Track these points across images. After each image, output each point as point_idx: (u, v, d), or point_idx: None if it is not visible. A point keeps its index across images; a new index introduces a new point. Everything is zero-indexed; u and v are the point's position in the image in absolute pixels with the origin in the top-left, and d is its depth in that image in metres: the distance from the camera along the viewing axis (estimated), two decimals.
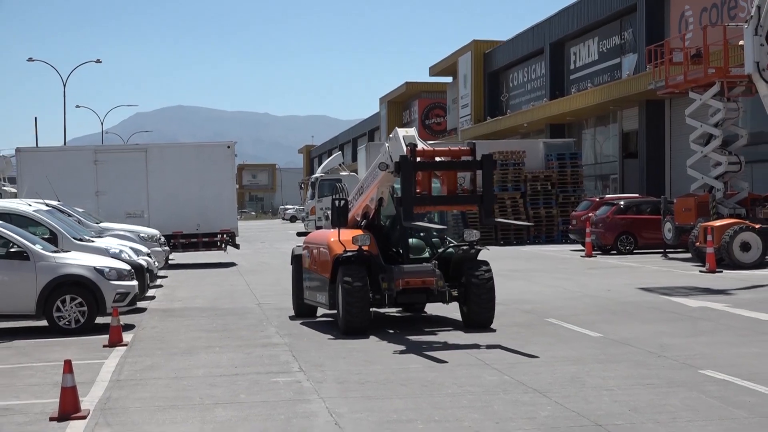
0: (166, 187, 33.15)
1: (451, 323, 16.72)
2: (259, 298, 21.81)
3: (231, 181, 35.22)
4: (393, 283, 15.47)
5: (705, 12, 41.44)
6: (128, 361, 13.49)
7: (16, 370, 13.17)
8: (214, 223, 33.54)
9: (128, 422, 9.76)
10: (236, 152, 35.36)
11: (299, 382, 11.76)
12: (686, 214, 29.73)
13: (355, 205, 17.38)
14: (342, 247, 15.79)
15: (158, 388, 11.58)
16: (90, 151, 34.97)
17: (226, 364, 13.17)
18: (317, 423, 9.58)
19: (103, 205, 31.77)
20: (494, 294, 15.93)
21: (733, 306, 18.32)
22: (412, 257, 16.34)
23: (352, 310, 15.20)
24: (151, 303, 20.98)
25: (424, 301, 16.69)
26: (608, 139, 53.02)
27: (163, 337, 15.86)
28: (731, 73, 29.10)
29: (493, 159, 15.41)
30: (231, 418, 9.82)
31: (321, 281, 16.76)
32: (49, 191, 27.53)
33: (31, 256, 16.45)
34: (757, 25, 25.19)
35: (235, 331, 16.42)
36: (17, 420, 10.00)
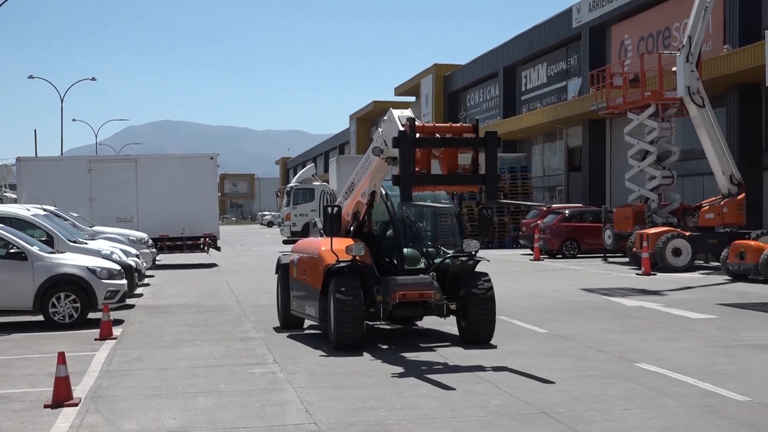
0: (154, 194, 32.98)
1: (448, 338, 14.38)
2: (237, 296, 21.72)
3: (213, 190, 35.12)
4: (389, 296, 13.07)
5: (642, 41, 41.82)
6: (117, 354, 13.40)
7: (14, 361, 13.07)
8: (198, 228, 33.46)
9: (116, 409, 9.71)
10: (218, 163, 35.36)
11: (273, 373, 11.75)
12: (624, 223, 30.00)
13: (345, 204, 15.04)
14: (334, 256, 13.44)
15: (144, 378, 11.52)
16: (85, 161, 34.85)
17: (207, 356, 13.12)
18: (289, 410, 9.58)
19: (96, 210, 31.65)
20: (495, 307, 13.67)
21: (666, 305, 18.46)
22: (406, 268, 13.77)
23: (345, 326, 12.89)
24: (139, 300, 20.85)
25: (421, 314, 14.08)
26: (555, 154, 53.30)
27: (150, 332, 15.77)
28: (665, 96, 29.37)
29: (497, 137, 12.79)
30: (211, 406, 9.79)
31: (310, 292, 14.36)
32: (47, 197, 27.54)
33: (29, 257, 16.37)
34: (688, 53, 25.51)
35: (216, 326, 16.34)
36: (14, 407, 9.92)
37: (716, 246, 26.73)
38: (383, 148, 13.30)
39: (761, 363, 11.87)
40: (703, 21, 26.23)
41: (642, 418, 8.94)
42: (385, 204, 14.10)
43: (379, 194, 14.15)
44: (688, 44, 25.57)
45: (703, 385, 10.43)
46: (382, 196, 14.08)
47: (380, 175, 13.94)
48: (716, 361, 12.11)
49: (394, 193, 13.55)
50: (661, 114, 29.72)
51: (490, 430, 8.59)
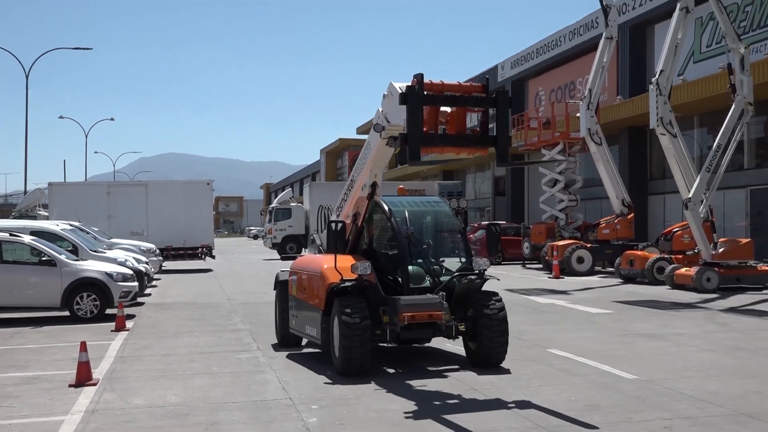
0: (160, 212, 32.84)
1: (455, 360, 11.23)
2: (228, 296, 21.54)
3: (209, 209, 35.13)
4: (396, 317, 9.97)
5: (553, 92, 42.25)
6: (129, 343, 13.24)
7: (44, 348, 12.88)
8: (196, 239, 33.27)
9: (128, 388, 9.60)
10: (213, 188, 35.44)
11: (257, 358, 11.65)
12: (539, 236, 30.27)
13: (345, 206, 12.16)
14: (338, 275, 10.32)
15: (151, 362, 11.40)
16: (104, 186, 34.84)
17: (203, 344, 12.97)
18: (269, 388, 9.53)
19: (113, 225, 31.46)
20: (508, 329, 10.52)
21: (571, 302, 18.58)
22: (411, 286, 10.59)
23: (352, 351, 9.83)
24: (147, 299, 20.63)
25: (430, 336, 10.76)
26: (484, 181, 53.52)
27: (156, 325, 15.58)
28: (571, 136, 29.72)
29: (508, 97, 10.25)
30: (205, 385, 9.70)
31: (311, 312, 11.22)
32: (73, 215, 27.45)
33: (58, 264, 16.24)
34: (589, 102, 25.80)
35: (210, 320, 16.17)
36: (44, 386, 9.80)
37: (611, 255, 27.02)
38: (384, 125, 10.50)
39: (647, 349, 11.98)
40: (601, 77, 26.59)
41: (552, 393, 8.99)
42: (389, 220, 10.90)
43: (380, 186, 11.28)
44: (589, 95, 25.89)
45: (602, 366, 10.50)
46: (385, 212, 11.02)
47: (381, 163, 11.22)
48: (612, 347, 12.17)
49: (397, 209, 11.02)
50: (568, 150, 30.08)
51: None
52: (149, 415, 8.26)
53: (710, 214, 21.51)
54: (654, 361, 10.88)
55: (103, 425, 7.90)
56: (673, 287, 21.35)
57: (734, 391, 8.98)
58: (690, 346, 12.18)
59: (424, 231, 11.58)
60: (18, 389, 9.67)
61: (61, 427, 7.84)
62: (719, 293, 19.68)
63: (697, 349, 11.96)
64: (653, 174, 33.96)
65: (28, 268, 16.31)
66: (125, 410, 8.49)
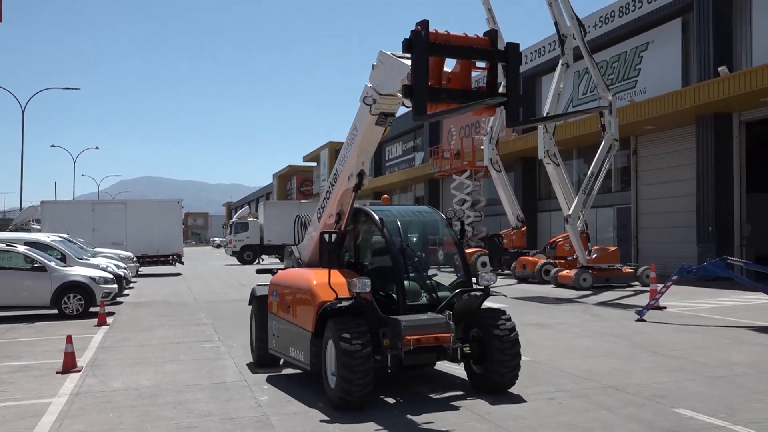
0: (138, 226, 32.21)
1: (454, 383, 8.49)
2: (194, 295, 21.12)
3: (179, 223, 34.52)
4: (400, 341, 7.27)
5: (462, 129, 42.82)
6: (109, 336, 12.87)
7: (35, 341, 12.42)
8: (168, 248, 32.73)
9: (107, 374, 9.33)
10: (183, 205, 34.91)
11: (218, 347, 11.44)
12: None
13: (327, 205, 9.02)
14: (331, 293, 7.61)
15: (128, 352, 11.10)
16: (89, 204, 34.00)
17: (172, 336, 12.69)
18: (228, 372, 9.36)
19: (97, 237, 30.66)
20: (520, 351, 7.87)
21: None
22: (408, 303, 7.85)
23: (354, 383, 7.08)
24: (125, 298, 20.08)
25: (435, 361, 7.98)
26: (407, 201, 53.84)
27: (133, 320, 15.18)
28: (476, 164, 30.11)
29: (519, 51, 7.54)
30: (174, 370, 9.50)
31: (297, 334, 8.26)
32: (62, 228, 26.67)
33: (48, 269, 15.73)
34: (490, 137, 26.18)
35: (179, 316, 15.83)
36: (34, 373, 9.46)
37: (509, 260, 27.37)
38: (375, 97, 7.78)
39: (536, 335, 12.14)
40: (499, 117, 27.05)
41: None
42: (381, 231, 8.17)
43: (367, 175, 8.67)
44: (491, 132, 26.29)
45: None
46: (375, 222, 8.30)
47: (369, 147, 8.47)
48: None
49: (388, 218, 8.34)
50: (474, 176, 30.48)
51: None
52: (125, 397, 8.05)
53: (586, 227, 22.04)
54: (541, 346, 11.05)
55: (85, 406, 7.67)
56: (557, 286, 21.73)
57: (604, 369, 9.20)
58: (570, 333, 12.42)
59: (417, 242, 8.92)
60: (12, 376, 9.33)
61: (48, 408, 7.59)
62: (593, 290, 20.14)
63: (575, 335, 12.20)
64: (541, 195, 34.68)
65: (22, 273, 15.75)
66: (105, 393, 8.26)
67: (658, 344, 10.95)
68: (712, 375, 8.75)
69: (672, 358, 9.77)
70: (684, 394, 7.75)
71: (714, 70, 23.11)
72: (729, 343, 11.15)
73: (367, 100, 7.87)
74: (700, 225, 23.91)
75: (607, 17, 29.35)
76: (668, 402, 7.45)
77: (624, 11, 28.40)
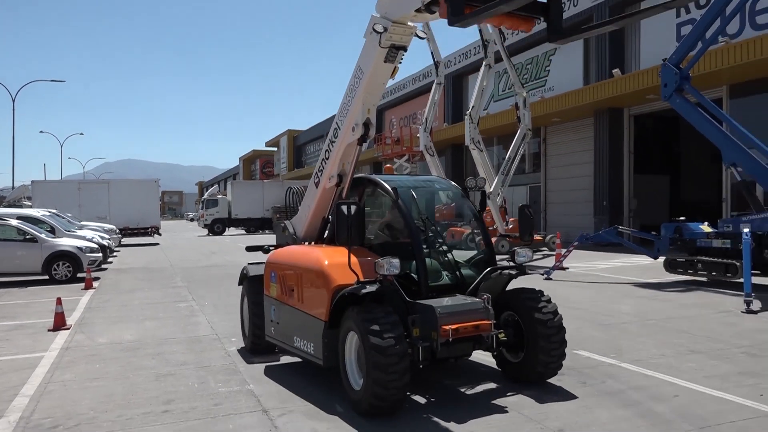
0: (120, 202, 31.31)
1: (482, 372, 6.44)
2: (171, 262, 20.67)
3: (156, 200, 33.57)
4: (435, 331, 5.09)
5: (402, 119, 42.81)
6: (95, 298, 12.50)
7: (29, 303, 11.98)
8: (147, 222, 31.90)
9: (94, 331, 9.06)
10: (160, 184, 34.02)
11: (192, 306, 11.22)
12: None
13: (327, 166, 6.95)
14: (349, 275, 5.40)
15: (112, 311, 10.79)
16: (76, 183, 32.71)
17: (151, 297, 12.41)
18: (201, 327, 9.20)
19: (83, 212, 29.63)
20: (565, 337, 5.83)
21: None
22: (430, 285, 5.68)
23: (388, 386, 4.88)
24: (109, 266, 19.54)
25: (470, 352, 5.56)
26: None
27: (116, 284, 14.78)
28: (413, 150, 30.16)
29: None
30: (154, 327, 9.29)
31: (304, 322, 5.97)
32: (51, 204, 25.70)
33: (39, 240, 15.19)
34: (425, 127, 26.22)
35: (158, 280, 15.48)
36: (28, 331, 9.12)
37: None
38: (387, 25, 5.80)
39: None
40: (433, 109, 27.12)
41: None
42: (395, 203, 5.98)
43: (373, 125, 6.43)
44: (425, 122, 26.32)
45: None
46: (387, 192, 6.07)
47: (376, 90, 6.33)
48: None
49: (401, 188, 6.12)
50: (411, 159, 30.53)
51: None
52: (110, 350, 7.84)
53: (504, 202, 22.42)
54: None
55: (74, 358, 7.44)
56: None
57: None
58: None
59: (430, 215, 6.81)
60: (8, 334, 8.97)
61: (41, 360, 7.33)
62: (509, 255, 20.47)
63: None
64: (468, 176, 35.04)
65: (15, 244, 15.14)
66: (92, 347, 8.03)
67: (562, 298, 11.19)
68: (604, 323, 9.02)
69: (573, 309, 10.03)
70: (582, 339, 7.97)
71: (609, 72, 23.66)
72: (618, 296, 11.54)
73: (377, 27, 5.85)
74: (596, 200, 24.65)
75: None
76: (570, 345, 7.66)
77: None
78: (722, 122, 13.16)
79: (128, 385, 6.23)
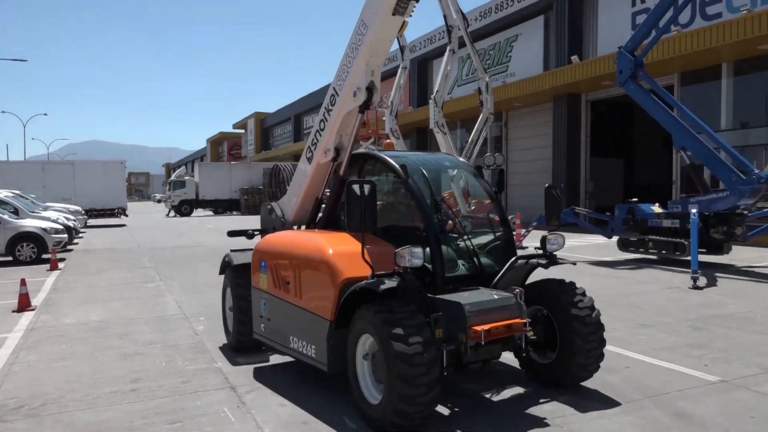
0: (85, 184, 30.54)
1: (502, 372, 5.54)
2: (138, 242, 20.27)
3: (123, 181, 32.96)
4: (464, 332, 4.13)
5: None
6: (61, 278, 12.18)
7: None
8: (114, 203, 31.31)
9: (60, 311, 8.84)
10: (126, 166, 33.37)
11: (159, 286, 11.03)
12: None
13: (322, 137, 5.87)
14: (360, 266, 4.30)
15: (79, 292, 10.53)
16: (40, 164, 31.81)
17: (118, 278, 12.14)
18: (169, 307, 9.05)
19: (47, 193, 28.76)
20: (603, 335, 4.89)
21: None
22: (446, 276, 4.66)
23: (416, 400, 3.89)
24: (75, 247, 19.04)
25: (499, 354, 4.67)
26: None
27: (82, 265, 14.43)
28: (380, 133, 30.06)
29: None
30: (121, 307, 9.10)
31: (304, 321, 4.90)
32: (14, 185, 24.88)
33: (2, 221, 14.73)
34: (391, 110, 26.10)
35: (124, 261, 15.16)
36: None
37: None
38: None
39: None
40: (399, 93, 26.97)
41: None
42: (404, 183, 4.98)
43: (378, 89, 5.50)
44: (391, 105, 26.18)
45: None
46: (395, 170, 5.09)
47: (382, 48, 5.38)
48: None
49: (411, 165, 5.19)
50: (377, 142, 30.42)
51: None
52: (77, 330, 7.67)
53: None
54: None
55: (39, 339, 7.25)
56: None
57: None
58: None
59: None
60: None
61: (5, 342, 7.12)
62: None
63: None
64: None
65: None
66: (57, 327, 7.84)
67: None
68: None
69: None
70: None
71: (568, 58, 23.91)
72: (574, 274, 11.71)
73: None
74: (554, 182, 25.04)
75: (486, 12, 29.66)
76: None
77: (498, 8, 28.78)
78: (673, 108, 13.45)
79: (95, 365, 6.11)
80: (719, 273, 11.41)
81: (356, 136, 5.60)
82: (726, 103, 18.93)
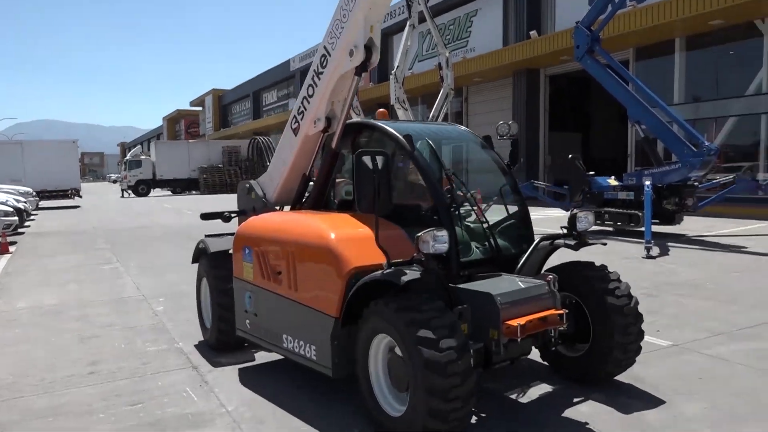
0: (36, 164, 29.58)
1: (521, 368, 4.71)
2: (93, 224, 19.72)
3: (76, 161, 31.92)
4: (496, 327, 3.38)
5: None
6: (12, 262, 11.77)
7: None
8: (67, 184, 30.43)
9: (12, 296, 8.55)
10: (79, 145, 32.37)
11: (117, 268, 10.77)
12: None
13: (312, 104, 4.95)
14: (368, 253, 3.59)
15: (32, 276, 10.21)
16: None
17: (74, 261, 11.80)
18: (127, 288, 8.87)
19: None
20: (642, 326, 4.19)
21: None
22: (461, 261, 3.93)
23: (450, 416, 3.12)
24: (27, 230, 18.42)
25: (529, 351, 3.83)
26: None
27: (35, 248, 13.97)
28: None
29: None
30: (77, 290, 8.86)
31: (301, 318, 4.05)
32: None
33: None
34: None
35: (79, 243, 14.74)
36: None
37: None
38: None
39: None
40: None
41: None
42: (410, 155, 4.17)
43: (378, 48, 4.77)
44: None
45: None
46: (399, 142, 4.26)
47: (383, 1, 4.75)
48: None
49: (416, 136, 4.37)
50: None
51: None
52: (31, 314, 7.44)
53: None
54: None
55: None
56: None
57: None
58: None
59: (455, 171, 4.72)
60: None
61: None
62: None
63: None
64: None
65: None
66: (9, 312, 7.59)
67: None
68: None
69: None
70: None
71: (526, 33, 24.04)
72: None
73: None
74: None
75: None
76: None
77: None
78: (628, 82, 13.69)
79: (50, 349, 5.95)
80: (671, 243, 11.78)
81: (351, 104, 4.83)
82: (678, 78, 19.39)
